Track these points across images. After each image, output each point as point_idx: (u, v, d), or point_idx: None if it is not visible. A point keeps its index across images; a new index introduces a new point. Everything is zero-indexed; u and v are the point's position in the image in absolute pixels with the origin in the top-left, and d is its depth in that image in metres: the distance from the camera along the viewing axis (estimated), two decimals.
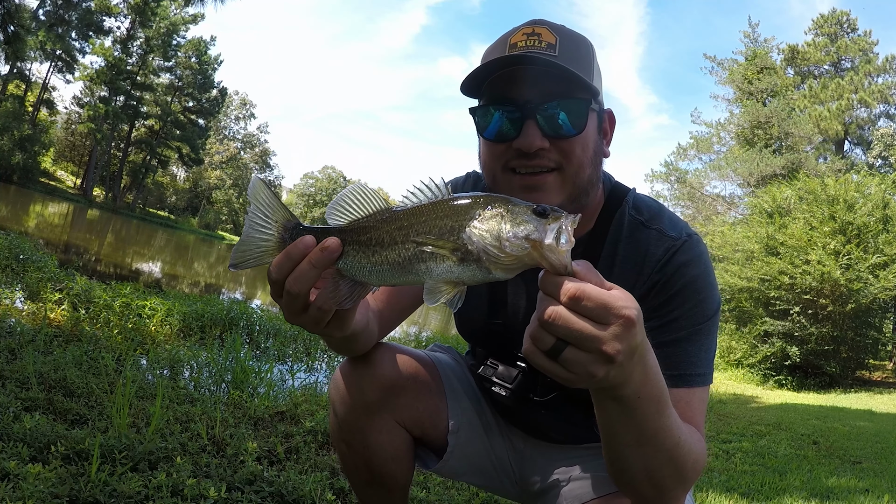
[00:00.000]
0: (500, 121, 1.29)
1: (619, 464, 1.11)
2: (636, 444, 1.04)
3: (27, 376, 2.91)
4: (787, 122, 30.26)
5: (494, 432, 1.66)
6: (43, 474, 1.92)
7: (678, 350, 1.26)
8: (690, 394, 1.25)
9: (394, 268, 0.95)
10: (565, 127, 1.26)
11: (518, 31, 1.29)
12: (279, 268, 0.98)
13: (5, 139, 41.63)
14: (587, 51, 1.31)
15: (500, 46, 1.30)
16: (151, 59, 55.36)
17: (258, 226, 1.01)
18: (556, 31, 1.28)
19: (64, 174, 59.62)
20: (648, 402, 0.98)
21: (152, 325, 5.20)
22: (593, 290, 0.85)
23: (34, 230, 18.40)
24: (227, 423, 2.97)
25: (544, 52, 1.25)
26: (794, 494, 3.75)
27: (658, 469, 1.07)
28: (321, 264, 0.96)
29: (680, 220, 1.41)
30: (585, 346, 0.85)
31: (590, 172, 1.32)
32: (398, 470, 1.57)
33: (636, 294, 1.29)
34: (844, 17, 34.19)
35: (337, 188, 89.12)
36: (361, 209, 1.00)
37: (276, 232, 1.01)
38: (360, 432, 1.53)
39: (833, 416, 9.19)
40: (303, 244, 0.96)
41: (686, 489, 1.16)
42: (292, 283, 0.97)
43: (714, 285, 1.33)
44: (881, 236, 17.07)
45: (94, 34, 49.72)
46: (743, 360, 17.61)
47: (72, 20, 45.14)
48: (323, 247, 0.95)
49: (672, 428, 1.05)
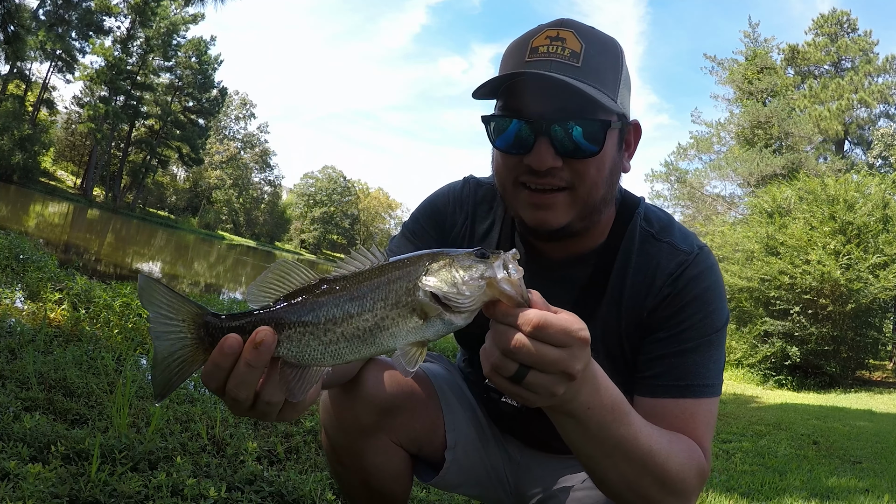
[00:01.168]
0: (512, 133, 1.23)
1: (596, 476, 1.13)
2: (602, 455, 1.06)
3: (27, 376, 2.91)
4: (787, 122, 30.25)
5: (490, 443, 1.65)
6: (43, 474, 1.92)
7: (686, 361, 1.26)
8: (696, 405, 1.24)
9: (352, 342, 0.89)
10: (581, 147, 1.20)
11: (542, 33, 1.22)
12: (211, 378, 0.87)
13: (5, 139, 41.61)
14: (615, 59, 1.24)
15: (521, 48, 1.23)
16: (151, 58, 55.34)
17: (164, 334, 0.88)
18: (583, 36, 1.21)
19: (64, 174, 59.60)
20: (601, 411, 1.01)
21: None
22: (553, 318, 0.88)
23: (34, 230, 18.40)
24: (227, 422, 2.97)
25: (567, 60, 1.18)
26: (794, 494, 3.75)
27: (635, 479, 1.08)
28: (260, 362, 0.85)
29: (690, 232, 1.41)
30: (549, 370, 0.89)
31: (604, 192, 1.27)
32: (397, 488, 1.56)
33: (647, 306, 1.32)
34: (845, 17, 34.18)
35: (337, 188, 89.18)
36: (289, 286, 0.90)
37: (188, 334, 0.88)
38: (355, 455, 1.49)
39: (833, 416, 9.19)
40: (228, 347, 0.85)
41: (682, 500, 1.14)
42: (233, 390, 0.87)
43: (723, 298, 1.33)
44: (881, 236, 17.07)
45: (94, 34, 49.71)
46: (743, 360, 17.60)
47: (72, 20, 45.15)
48: (255, 343, 0.84)
49: (638, 437, 1.06)
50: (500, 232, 1.50)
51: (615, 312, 1.36)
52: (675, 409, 1.23)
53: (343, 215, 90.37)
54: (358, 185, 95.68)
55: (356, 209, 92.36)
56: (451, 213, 1.54)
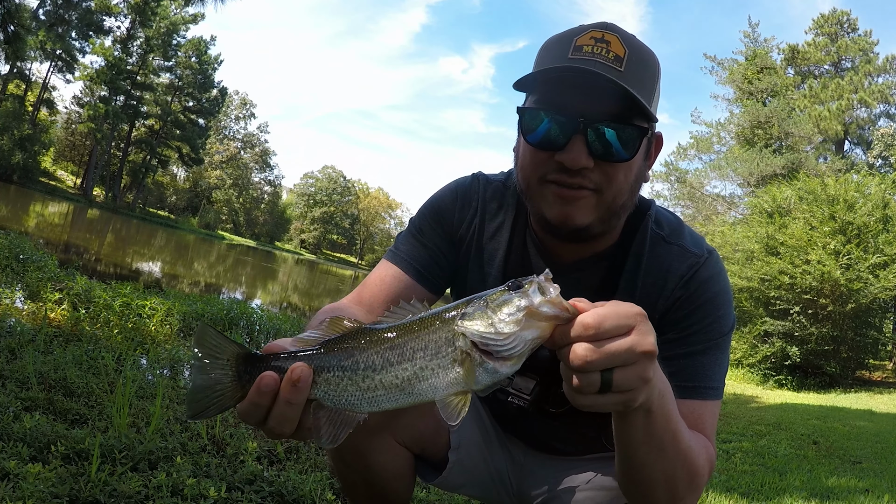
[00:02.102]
0: (548, 128, 1.21)
1: (642, 472, 1.09)
2: (658, 449, 1.04)
3: (27, 376, 2.91)
4: (787, 122, 30.24)
5: (494, 445, 1.64)
6: (43, 474, 1.92)
7: (694, 363, 1.27)
8: (703, 406, 1.26)
9: (390, 391, 0.89)
10: (615, 151, 1.20)
11: (586, 33, 1.21)
12: (249, 415, 0.89)
13: (5, 139, 41.63)
14: (653, 71, 1.25)
15: (564, 44, 1.22)
16: (151, 58, 55.35)
17: (208, 366, 0.91)
18: (627, 42, 1.21)
19: (64, 174, 59.60)
20: (668, 399, 1.00)
21: (152, 325, 5.20)
22: (604, 310, 0.86)
23: (34, 230, 18.40)
24: (227, 422, 2.97)
25: (611, 64, 1.17)
26: (794, 494, 3.75)
27: (673, 473, 1.09)
28: (298, 399, 0.87)
29: (698, 235, 1.42)
30: (629, 360, 0.86)
31: (626, 198, 1.28)
32: (400, 487, 1.55)
33: (659, 308, 1.33)
34: (845, 17, 34.15)
35: (337, 188, 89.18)
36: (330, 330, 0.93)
37: (229, 370, 0.91)
38: (358, 454, 1.48)
39: (833, 416, 9.19)
40: (265, 385, 0.86)
41: (697, 496, 1.16)
42: (277, 427, 0.89)
43: (731, 302, 1.35)
44: (881, 236, 17.06)
45: (94, 34, 49.69)
46: (743, 359, 17.60)
47: (72, 20, 45.10)
48: (293, 380, 0.86)
49: (683, 432, 1.07)
50: (512, 231, 1.48)
51: None
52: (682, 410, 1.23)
53: (343, 215, 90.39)
54: (358, 184, 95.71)
55: (356, 209, 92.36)
56: (459, 209, 1.52)
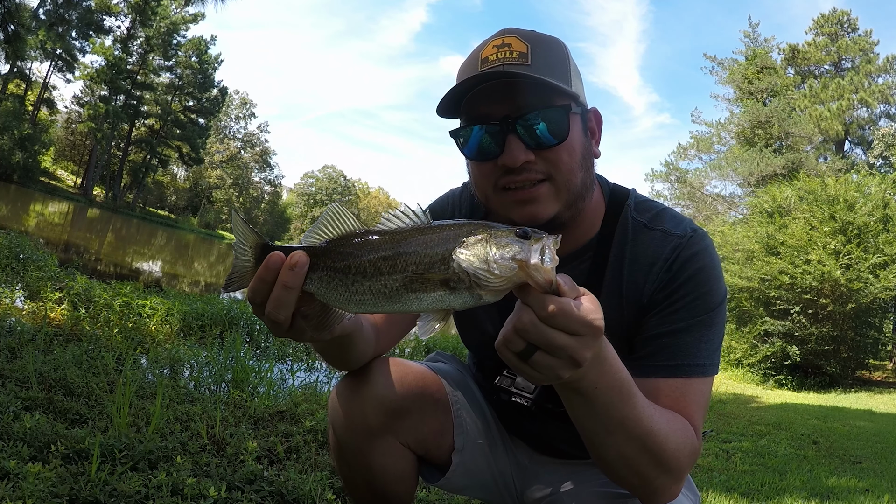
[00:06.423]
0: (480, 139, 1.28)
1: (595, 452, 1.16)
2: (605, 432, 1.10)
3: (27, 375, 2.91)
4: (788, 122, 30.22)
5: (499, 447, 1.64)
6: (43, 474, 1.92)
7: (678, 341, 1.28)
8: (686, 384, 1.26)
9: (377, 297, 0.94)
10: (547, 136, 1.24)
11: (488, 45, 1.28)
12: (255, 291, 0.99)
13: (5, 138, 41.59)
14: (561, 54, 1.30)
15: (472, 63, 1.28)
16: (152, 58, 55.34)
17: (238, 251, 1.04)
18: (527, 38, 1.27)
19: (64, 173, 59.61)
20: (608, 391, 1.05)
21: (152, 325, 5.20)
22: (570, 308, 0.90)
23: (34, 229, 18.41)
24: (228, 422, 2.97)
25: (516, 62, 1.23)
26: (794, 494, 3.75)
27: (633, 457, 1.12)
28: (294, 283, 0.95)
29: (682, 216, 1.42)
30: (557, 354, 0.92)
31: (582, 176, 1.31)
32: (402, 489, 1.55)
33: (646, 294, 1.34)
34: (845, 17, 34.15)
35: (337, 187, 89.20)
36: (336, 229, 0.98)
37: (251, 255, 1.03)
38: (362, 455, 1.48)
39: (833, 416, 9.19)
40: (272, 263, 0.96)
41: (675, 478, 1.17)
42: (271, 310, 0.97)
43: (719, 278, 1.34)
44: (881, 236, 17.05)
45: (95, 33, 49.70)
46: (743, 359, 17.59)
47: (72, 19, 44.94)
48: (291, 264, 0.94)
49: (641, 417, 1.09)
50: None
51: (616, 304, 1.37)
52: (666, 389, 1.25)
53: None
54: (358, 184, 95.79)
55: (356, 209, 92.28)
56: (449, 216, 1.57)
